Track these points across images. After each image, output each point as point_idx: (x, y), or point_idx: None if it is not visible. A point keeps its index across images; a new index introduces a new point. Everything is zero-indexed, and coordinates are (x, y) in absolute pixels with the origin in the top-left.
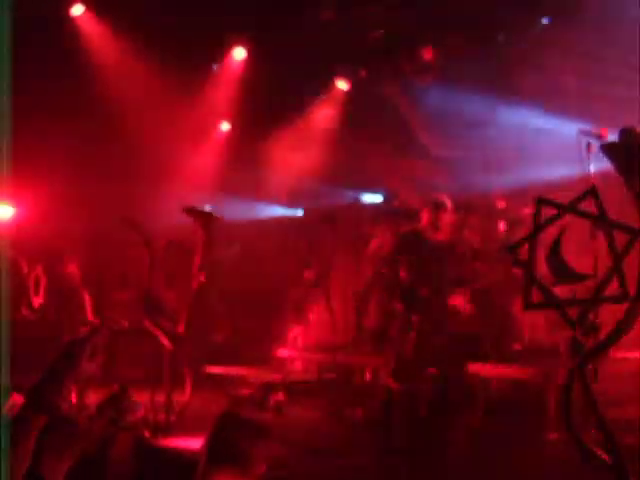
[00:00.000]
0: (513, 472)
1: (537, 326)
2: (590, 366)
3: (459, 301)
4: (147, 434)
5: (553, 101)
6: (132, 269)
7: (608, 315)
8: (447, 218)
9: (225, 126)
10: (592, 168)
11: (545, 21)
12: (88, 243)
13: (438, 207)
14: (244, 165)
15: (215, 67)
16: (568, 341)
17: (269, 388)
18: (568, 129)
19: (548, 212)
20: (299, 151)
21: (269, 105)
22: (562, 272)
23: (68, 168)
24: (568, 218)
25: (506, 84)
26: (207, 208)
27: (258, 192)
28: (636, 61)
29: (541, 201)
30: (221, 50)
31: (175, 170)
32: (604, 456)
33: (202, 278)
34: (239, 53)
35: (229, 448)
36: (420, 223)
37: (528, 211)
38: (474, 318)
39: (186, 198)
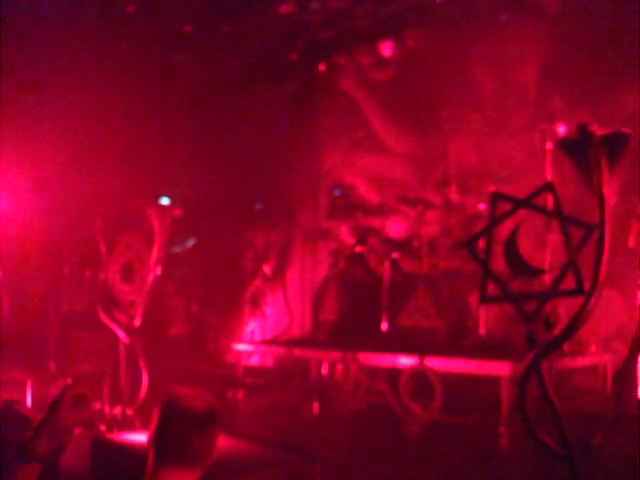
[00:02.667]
0: (469, 465)
1: (493, 320)
2: (545, 360)
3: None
4: (103, 428)
5: (509, 96)
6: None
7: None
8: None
9: None
10: (549, 163)
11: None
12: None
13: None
14: None
15: None
16: (523, 335)
17: (225, 382)
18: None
19: (506, 207)
20: None
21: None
22: (518, 266)
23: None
24: (524, 213)
25: (464, 79)
26: (163, 200)
27: None
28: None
29: (497, 196)
30: None
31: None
32: (558, 449)
33: (159, 271)
34: None
35: (172, 439)
36: (377, 217)
37: (485, 206)
38: (430, 312)
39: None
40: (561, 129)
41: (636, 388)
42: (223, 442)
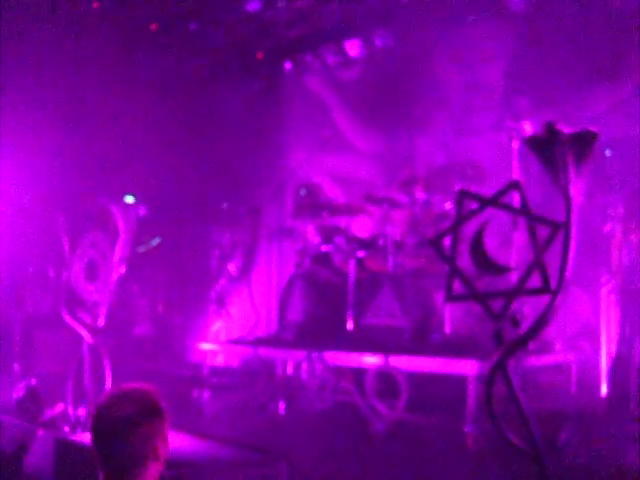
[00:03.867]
0: (435, 465)
1: (458, 319)
2: (512, 358)
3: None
4: (67, 429)
5: (477, 96)
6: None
7: (529, 308)
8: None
9: None
10: (515, 162)
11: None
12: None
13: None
14: None
15: None
16: (489, 334)
17: (190, 382)
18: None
19: (472, 205)
20: None
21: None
22: (484, 264)
23: None
24: (491, 211)
25: (430, 79)
26: (128, 199)
27: None
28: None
29: (463, 194)
30: None
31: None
32: (525, 447)
33: (123, 270)
34: None
35: (104, 449)
36: (342, 217)
37: (451, 205)
38: (395, 311)
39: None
40: (527, 128)
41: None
42: (189, 442)
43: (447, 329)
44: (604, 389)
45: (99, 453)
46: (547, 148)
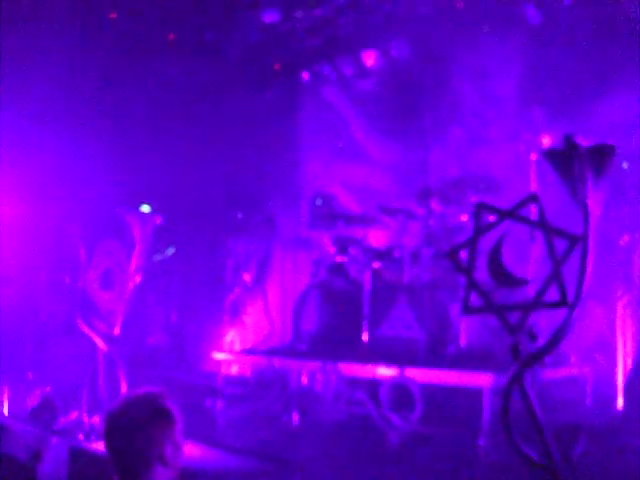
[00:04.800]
0: (449, 477)
1: (473, 331)
2: (528, 372)
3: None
4: (81, 438)
5: (492, 107)
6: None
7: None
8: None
9: None
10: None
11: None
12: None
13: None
14: None
15: None
16: (505, 347)
17: (204, 392)
18: (505, 135)
19: (489, 217)
20: None
21: None
22: (501, 277)
23: None
24: (508, 223)
25: (445, 90)
26: (144, 208)
27: None
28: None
29: (481, 206)
30: None
31: None
32: (540, 460)
33: (139, 279)
34: None
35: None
36: (358, 227)
37: (466, 217)
38: (411, 322)
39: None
40: (545, 140)
41: None
42: (203, 452)
43: (463, 341)
44: (620, 402)
45: (110, 455)
46: (565, 161)
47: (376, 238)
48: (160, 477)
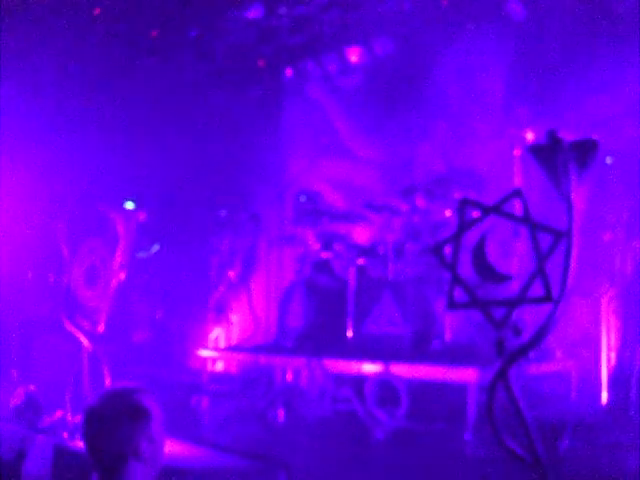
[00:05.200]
0: (434, 473)
1: (458, 327)
2: (513, 367)
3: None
4: (65, 436)
5: (477, 104)
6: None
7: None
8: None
9: None
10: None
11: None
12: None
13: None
14: None
15: None
16: (490, 342)
17: (189, 389)
18: (491, 131)
19: (473, 213)
20: None
21: None
22: (486, 272)
23: None
24: (492, 219)
25: (430, 86)
26: (128, 205)
27: None
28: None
29: (465, 202)
30: None
31: None
32: (526, 455)
33: (123, 276)
34: None
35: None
36: (342, 224)
37: (451, 213)
38: (396, 318)
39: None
40: (530, 136)
41: None
42: (187, 450)
43: (447, 337)
44: (605, 397)
45: (87, 451)
46: (549, 156)
47: (361, 234)
48: (136, 473)
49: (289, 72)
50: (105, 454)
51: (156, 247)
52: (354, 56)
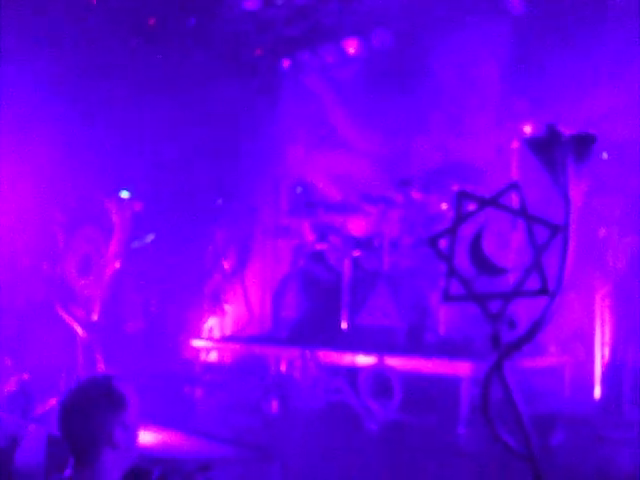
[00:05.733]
0: (427, 465)
1: (452, 319)
2: (507, 360)
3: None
4: None
5: (475, 97)
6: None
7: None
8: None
9: None
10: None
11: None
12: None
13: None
14: None
15: None
16: (484, 335)
17: (183, 379)
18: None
19: (470, 206)
20: None
21: None
22: (482, 265)
23: None
24: (489, 212)
25: (427, 78)
26: (123, 195)
27: None
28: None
29: (462, 194)
30: None
31: None
32: (519, 448)
33: (117, 265)
34: None
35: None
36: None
37: (447, 206)
38: (390, 310)
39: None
40: (527, 129)
41: None
42: (181, 440)
43: (442, 330)
44: (597, 392)
45: (62, 437)
46: (547, 149)
47: (356, 226)
48: (110, 460)
49: (286, 63)
50: (79, 439)
51: (151, 236)
52: (351, 47)
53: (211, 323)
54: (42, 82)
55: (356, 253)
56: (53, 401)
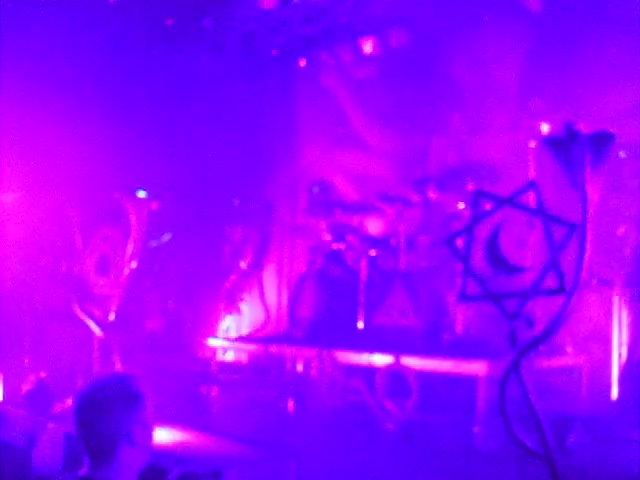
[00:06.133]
0: (443, 464)
1: (469, 319)
2: (525, 359)
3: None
4: None
5: (492, 95)
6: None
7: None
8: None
9: None
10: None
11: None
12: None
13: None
14: None
15: None
16: (500, 335)
17: (199, 378)
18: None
19: (487, 205)
20: None
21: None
22: (499, 264)
23: None
24: (506, 211)
25: (445, 77)
26: (141, 194)
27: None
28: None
29: (479, 193)
30: None
31: None
32: (535, 448)
33: (135, 265)
34: None
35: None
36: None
37: (464, 205)
38: (407, 310)
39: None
40: (545, 128)
41: None
42: (197, 439)
43: (458, 329)
44: (615, 392)
45: (78, 435)
46: (565, 148)
47: (373, 226)
48: (128, 457)
49: (303, 62)
50: (98, 438)
51: (168, 236)
52: (368, 47)
53: (228, 322)
54: (60, 82)
55: (373, 252)
56: (71, 400)
